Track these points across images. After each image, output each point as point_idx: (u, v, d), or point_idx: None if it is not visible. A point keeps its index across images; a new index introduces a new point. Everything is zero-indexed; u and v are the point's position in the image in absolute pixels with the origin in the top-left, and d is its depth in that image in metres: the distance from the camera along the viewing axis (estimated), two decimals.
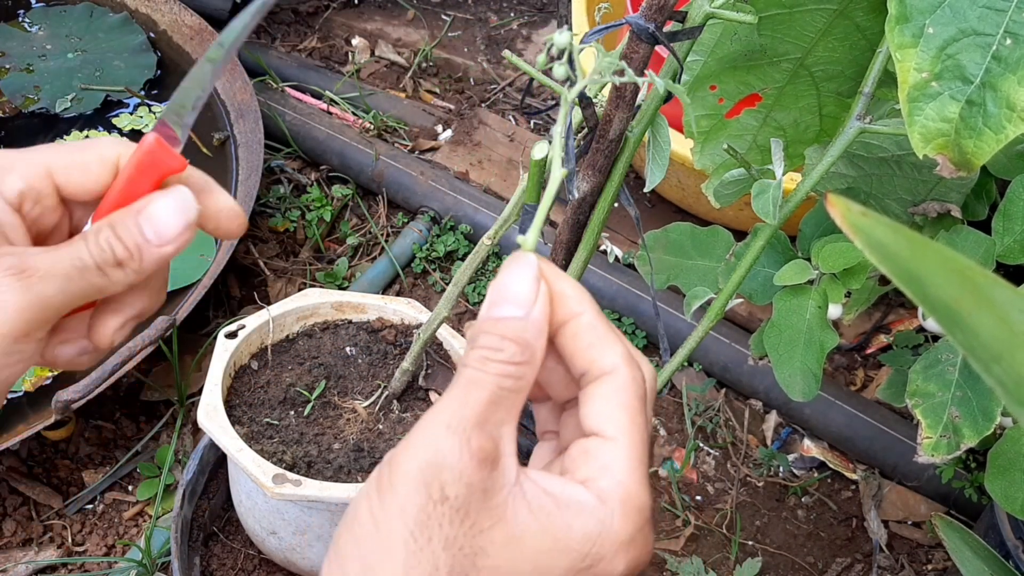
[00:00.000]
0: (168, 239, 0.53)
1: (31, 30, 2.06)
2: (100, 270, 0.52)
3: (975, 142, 0.70)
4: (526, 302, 0.49)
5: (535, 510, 0.47)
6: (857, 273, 1.01)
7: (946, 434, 0.95)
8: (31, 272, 0.51)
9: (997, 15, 0.69)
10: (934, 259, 0.35)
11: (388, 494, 0.46)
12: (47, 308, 0.51)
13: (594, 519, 0.47)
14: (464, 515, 0.45)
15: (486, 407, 0.47)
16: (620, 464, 0.48)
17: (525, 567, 0.46)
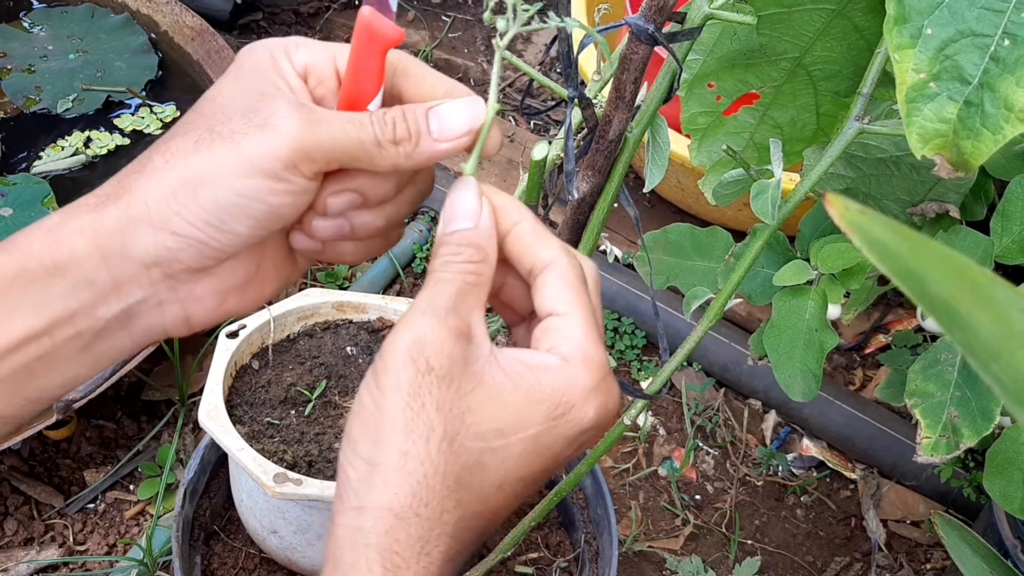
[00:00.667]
0: (448, 136, 0.58)
1: (33, 31, 2.06)
2: (376, 140, 0.57)
3: (973, 143, 0.70)
4: (473, 214, 0.57)
5: (510, 373, 0.54)
6: (856, 273, 1.01)
7: (945, 434, 0.95)
8: (312, 113, 0.56)
9: (995, 16, 0.69)
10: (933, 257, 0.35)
11: (383, 376, 0.53)
12: (316, 143, 0.55)
13: (561, 375, 0.54)
14: (449, 381, 0.52)
15: (455, 297, 0.55)
16: (576, 331, 0.55)
17: (506, 418, 0.53)
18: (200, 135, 0.56)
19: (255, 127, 0.55)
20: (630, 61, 0.74)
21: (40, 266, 0.57)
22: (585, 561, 1.27)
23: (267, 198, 0.56)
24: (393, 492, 0.51)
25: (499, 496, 0.54)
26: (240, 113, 0.56)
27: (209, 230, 0.56)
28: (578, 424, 0.54)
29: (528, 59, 2.33)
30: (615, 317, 1.81)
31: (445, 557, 0.52)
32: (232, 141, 0.55)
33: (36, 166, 1.80)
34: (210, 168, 0.55)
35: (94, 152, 1.83)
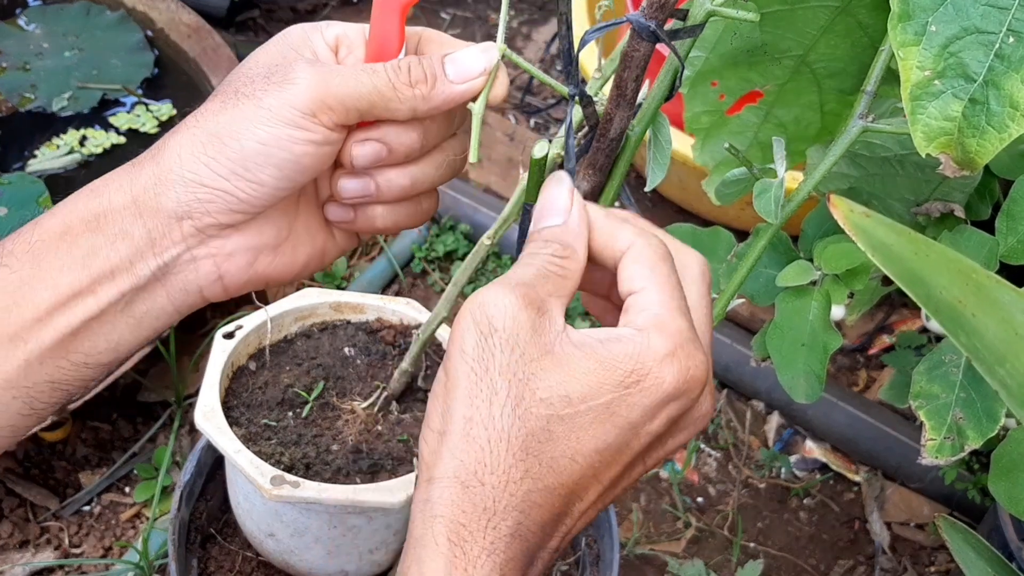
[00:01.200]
0: (464, 77, 0.62)
1: (28, 28, 2.05)
2: (391, 84, 0.60)
3: (978, 141, 0.70)
4: (563, 210, 0.58)
5: (579, 345, 0.52)
6: (860, 274, 1.00)
7: (950, 436, 0.95)
8: (329, 67, 0.60)
9: (1000, 13, 0.68)
10: (937, 260, 0.34)
11: (450, 346, 0.53)
12: (331, 92, 0.59)
13: (633, 342, 0.52)
14: (514, 345, 0.51)
15: (532, 276, 0.55)
16: (651, 301, 0.54)
17: (575, 385, 0.51)
18: (227, 97, 0.61)
19: (275, 84, 0.59)
20: (631, 59, 0.73)
21: (82, 222, 0.60)
22: (586, 564, 1.26)
23: (289, 146, 0.59)
24: (459, 459, 0.51)
25: (573, 469, 0.51)
26: (262, 76, 0.60)
27: (235, 180, 0.59)
28: (655, 391, 0.52)
29: (528, 56, 2.32)
30: None
31: (514, 533, 0.50)
32: (254, 97, 0.59)
33: (31, 165, 1.79)
34: (235, 122, 0.59)
35: (89, 151, 1.82)
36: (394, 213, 0.67)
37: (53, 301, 0.60)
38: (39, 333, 0.61)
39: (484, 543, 0.50)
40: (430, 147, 0.66)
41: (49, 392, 0.63)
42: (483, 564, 0.49)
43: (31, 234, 0.61)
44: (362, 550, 1.12)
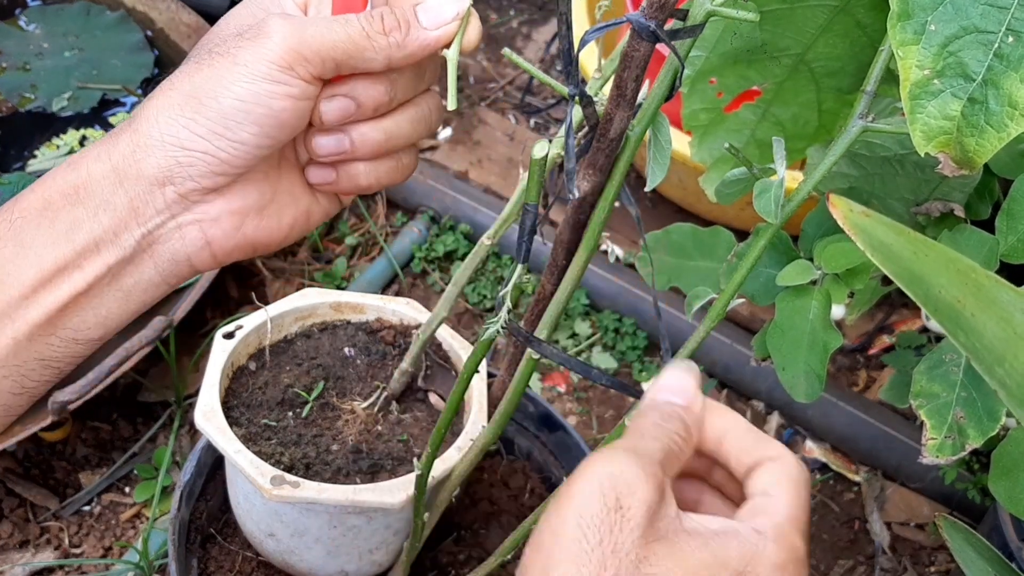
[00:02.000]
0: (438, 22, 0.60)
1: (28, 28, 2.05)
2: (364, 32, 0.59)
3: (977, 140, 0.70)
4: (690, 397, 0.56)
5: (693, 533, 0.51)
6: (860, 273, 1.00)
7: (951, 435, 0.95)
8: (302, 20, 0.59)
9: (999, 12, 0.68)
10: (937, 260, 0.34)
11: (565, 503, 0.50)
12: (305, 43, 0.58)
13: (750, 543, 0.51)
14: (632, 526, 0.49)
15: (660, 453, 0.53)
16: (779, 511, 0.53)
17: (684, 575, 0.49)
18: (200, 57, 0.61)
19: (248, 40, 0.59)
20: (631, 59, 0.73)
21: (62, 196, 0.60)
22: None
23: (267, 101, 0.59)
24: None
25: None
26: (236, 33, 0.60)
27: (215, 139, 0.59)
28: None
29: (528, 56, 2.32)
30: (616, 318, 1.80)
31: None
32: (228, 55, 0.59)
33: (31, 165, 1.79)
34: (211, 80, 0.59)
35: None
36: (375, 170, 0.66)
37: (38, 277, 0.60)
38: (26, 311, 0.60)
39: None
40: (401, 100, 0.65)
41: (40, 370, 0.63)
42: None
43: (11, 212, 0.61)
44: (362, 550, 1.12)
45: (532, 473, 1.34)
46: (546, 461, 1.33)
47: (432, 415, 1.17)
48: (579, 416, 1.71)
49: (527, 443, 1.34)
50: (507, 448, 1.35)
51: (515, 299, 0.73)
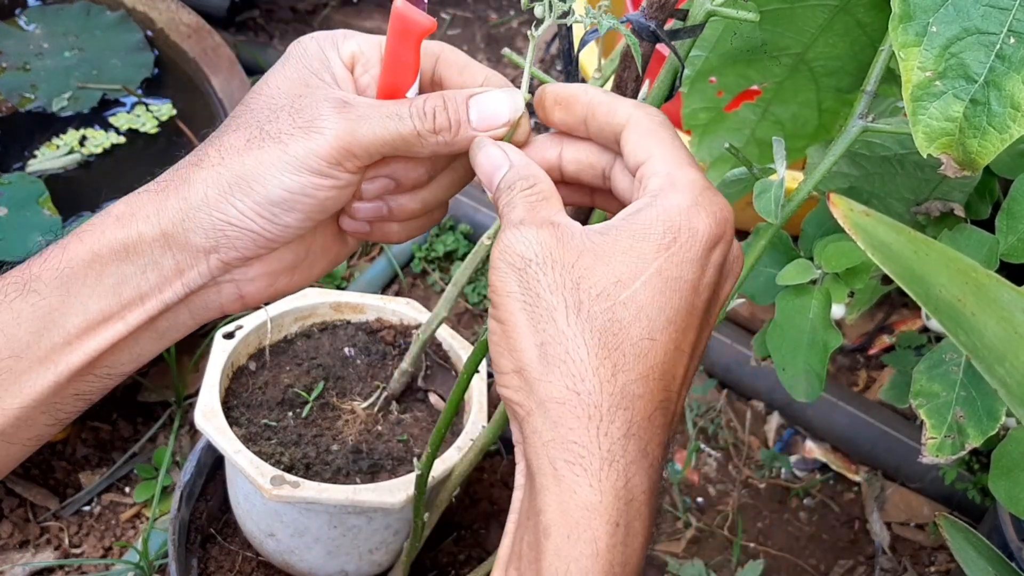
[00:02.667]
0: (488, 125, 0.61)
1: (28, 28, 2.05)
2: (416, 132, 0.60)
3: (979, 141, 0.69)
4: (501, 164, 0.59)
5: (606, 232, 0.53)
6: (860, 273, 1.00)
7: (951, 434, 0.95)
8: (352, 109, 0.59)
9: (1001, 14, 0.68)
10: (937, 259, 0.34)
11: (494, 298, 0.54)
12: (357, 142, 0.59)
13: (653, 207, 0.53)
14: (551, 263, 0.52)
15: (525, 211, 0.55)
16: (658, 166, 0.55)
17: (620, 268, 0.51)
18: (251, 133, 0.61)
19: (300, 128, 0.59)
20: (631, 58, 0.73)
21: (111, 251, 0.62)
22: None
23: (314, 193, 0.60)
24: (547, 382, 0.50)
25: (656, 348, 0.51)
26: (287, 111, 0.60)
27: (262, 222, 0.61)
28: (694, 242, 0.52)
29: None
30: None
31: (626, 434, 0.50)
32: (280, 141, 0.59)
33: (31, 165, 1.79)
34: (261, 166, 0.60)
35: (89, 151, 1.82)
36: (407, 227, 0.68)
37: (83, 326, 0.62)
38: (69, 356, 0.62)
39: (602, 453, 0.49)
40: (439, 172, 0.67)
41: (73, 403, 0.65)
42: (607, 475, 0.49)
43: (59, 259, 0.62)
44: (362, 550, 1.12)
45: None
46: None
47: (432, 415, 1.17)
48: None
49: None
50: (507, 448, 1.35)
51: None
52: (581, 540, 0.48)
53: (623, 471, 0.49)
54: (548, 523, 0.49)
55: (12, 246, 1.64)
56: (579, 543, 0.48)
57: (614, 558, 0.49)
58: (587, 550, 0.48)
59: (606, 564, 0.48)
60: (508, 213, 0.56)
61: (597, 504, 0.49)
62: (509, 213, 0.56)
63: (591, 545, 0.48)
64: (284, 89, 0.62)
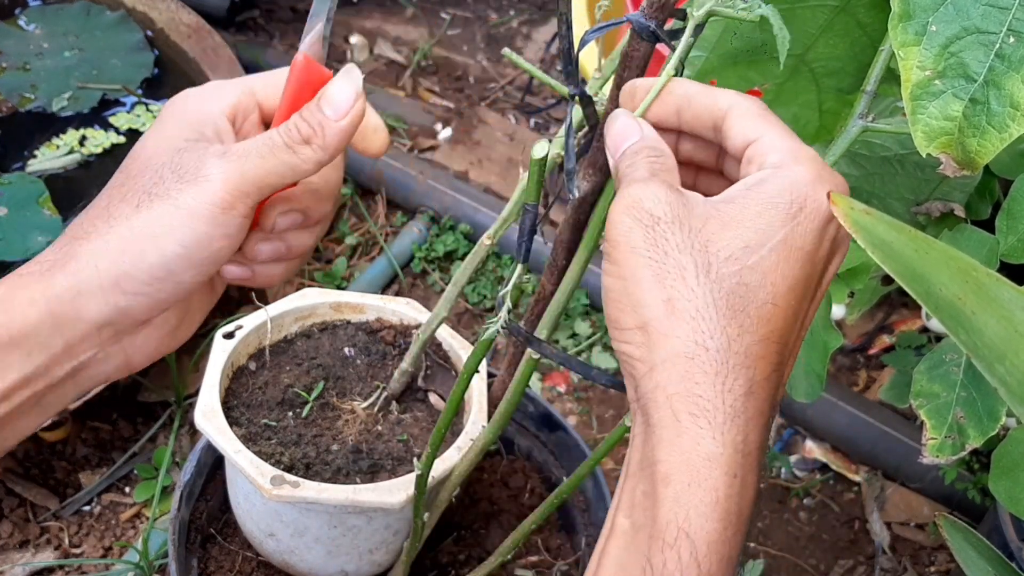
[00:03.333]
0: (344, 111, 0.62)
1: (28, 28, 2.05)
2: (290, 148, 0.61)
3: (979, 141, 0.70)
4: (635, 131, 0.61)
5: (732, 200, 0.54)
6: (860, 273, 1.00)
7: (951, 435, 0.95)
8: (232, 152, 0.60)
9: (1000, 13, 0.68)
10: (938, 258, 0.34)
11: (615, 252, 0.54)
12: (245, 180, 0.60)
13: (779, 178, 0.54)
14: (679, 224, 0.53)
15: (649, 173, 0.56)
16: (776, 141, 0.56)
17: (748, 234, 0.53)
18: (139, 198, 0.60)
19: (187, 182, 0.60)
20: (631, 59, 0.73)
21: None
22: (586, 565, 1.26)
23: (209, 244, 0.60)
24: (674, 337, 0.51)
25: (777, 313, 0.53)
26: (169, 168, 0.60)
27: (158, 284, 0.60)
28: (817, 214, 0.54)
29: (528, 56, 2.32)
30: None
31: (748, 392, 0.51)
32: (170, 198, 0.59)
33: (31, 165, 1.79)
34: (154, 226, 0.59)
35: (89, 151, 1.83)
36: (288, 268, 0.70)
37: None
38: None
39: (725, 408, 0.51)
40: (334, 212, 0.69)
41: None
42: (729, 429, 0.50)
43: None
44: (362, 550, 1.12)
45: (532, 473, 1.34)
46: (546, 461, 1.33)
47: (432, 415, 1.17)
48: (579, 416, 1.71)
49: (527, 443, 1.34)
50: (507, 448, 1.35)
51: (515, 299, 0.73)
52: (701, 488, 0.50)
53: (742, 427, 0.51)
54: (668, 472, 0.51)
55: (12, 246, 1.64)
56: (699, 491, 0.50)
57: (730, 507, 0.50)
58: (707, 498, 0.50)
59: (723, 512, 0.50)
60: (631, 172, 0.57)
61: (719, 456, 0.50)
62: (632, 172, 0.57)
63: (711, 494, 0.50)
64: (163, 148, 0.62)
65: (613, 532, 0.54)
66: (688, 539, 0.49)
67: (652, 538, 0.50)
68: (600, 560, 0.54)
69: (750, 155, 0.57)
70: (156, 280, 0.60)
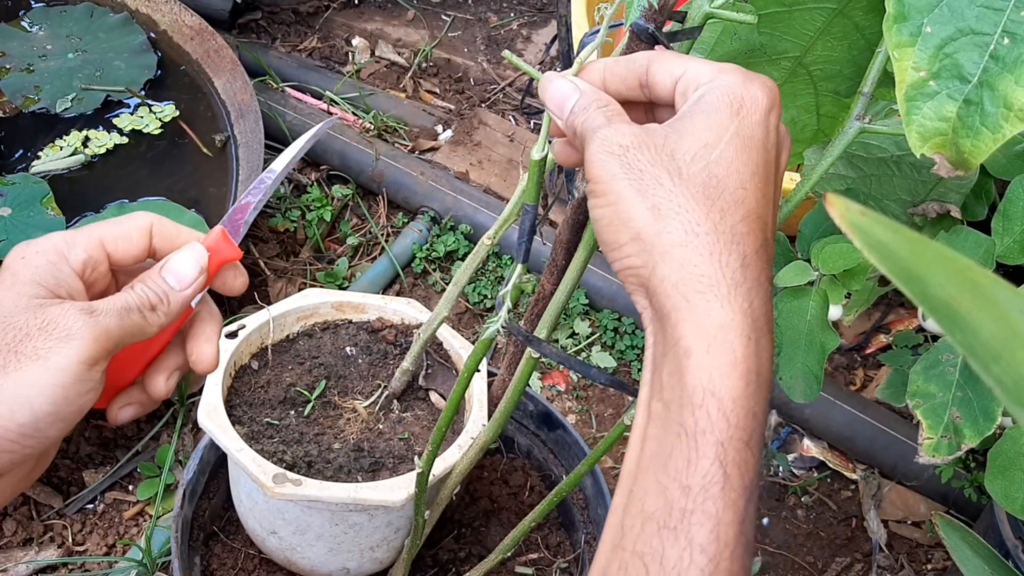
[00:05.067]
0: (186, 283, 0.68)
1: (31, 30, 2.06)
2: (140, 311, 0.65)
3: (972, 141, 0.70)
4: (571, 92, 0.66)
5: (682, 117, 0.61)
6: (857, 274, 1.01)
7: (947, 435, 0.95)
8: (95, 310, 0.63)
9: (995, 14, 0.68)
10: (934, 258, 0.35)
11: (596, 185, 0.60)
12: (109, 337, 0.63)
13: (713, 90, 0.61)
14: (645, 146, 0.59)
15: (603, 119, 0.62)
16: (700, 67, 0.62)
17: (704, 135, 0.59)
18: (6, 358, 0.62)
19: (57, 340, 0.62)
20: None
21: None
22: (585, 562, 1.27)
23: (77, 399, 0.62)
24: (666, 233, 0.57)
25: (748, 196, 0.59)
26: (38, 328, 0.62)
27: (26, 440, 0.62)
28: (757, 106, 0.60)
29: (528, 58, 2.33)
30: (615, 317, 1.80)
31: (743, 264, 0.57)
32: (40, 358, 0.62)
33: (35, 166, 1.80)
34: (24, 388, 0.61)
35: (93, 152, 1.83)
36: (175, 378, 0.74)
37: None
38: None
39: (726, 280, 0.56)
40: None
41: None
42: (735, 297, 0.56)
43: None
44: (363, 547, 1.12)
45: (532, 471, 1.34)
46: (546, 459, 1.34)
47: (433, 414, 1.17)
48: (578, 414, 1.72)
49: (527, 441, 1.35)
50: (507, 446, 1.35)
51: (515, 299, 0.74)
52: (720, 351, 0.55)
53: (746, 294, 0.56)
54: (688, 345, 0.55)
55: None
56: (719, 354, 0.55)
57: (750, 366, 0.55)
58: (726, 359, 0.55)
59: (744, 370, 0.55)
60: (591, 123, 0.62)
61: (730, 321, 0.55)
62: (592, 123, 0.62)
63: (729, 355, 0.55)
64: (22, 306, 0.63)
65: (650, 417, 0.58)
66: (714, 397, 0.54)
67: (682, 405, 0.55)
68: (642, 444, 0.58)
69: (682, 88, 0.63)
70: (24, 437, 0.61)
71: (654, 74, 0.64)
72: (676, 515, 0.54)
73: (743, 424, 0.54)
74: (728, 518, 0.55)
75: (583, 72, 0.67)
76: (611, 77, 0.66)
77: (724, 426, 0.54)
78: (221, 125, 1.91)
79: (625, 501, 0.57)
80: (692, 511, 0.54)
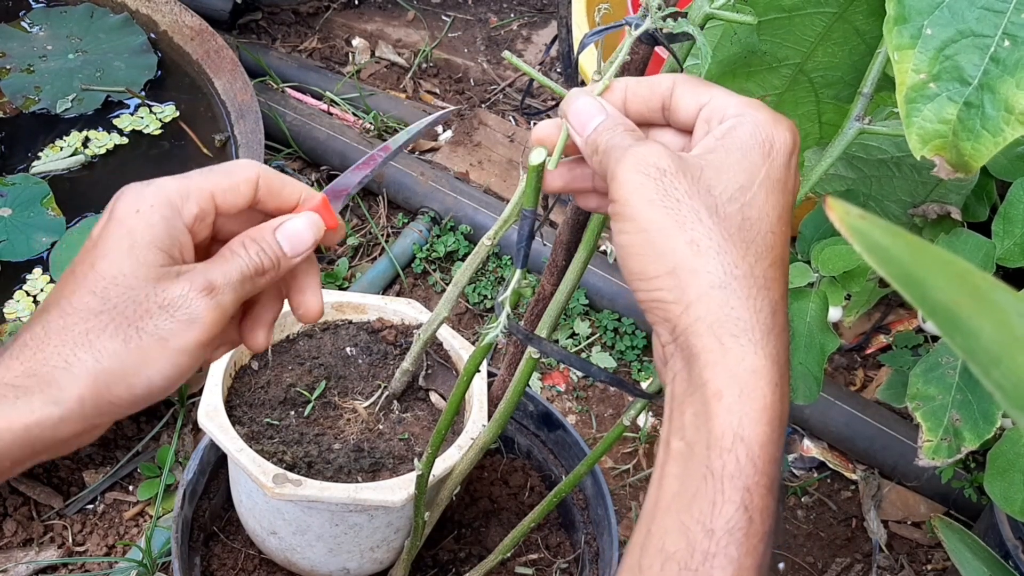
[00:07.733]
0: (300, 252, 0.68)
1: (32, 31, 2.06)
2: (252, 279, 0.66)
3: (973, 144, 0.70)
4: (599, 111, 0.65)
5: (713, 149, 0.60)
6: (857, 276, 1.01)
7: (947, 437, 0.95)
8: (215, 288, 0.64)
9: (995, 16, 0.68)
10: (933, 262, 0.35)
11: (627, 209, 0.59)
12: (225, 314, 0.65)
13: (743, 125, 0.60)
14: (683, 173, 0.58)
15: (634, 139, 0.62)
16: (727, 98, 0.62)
17: (739, 176, 0.59)
18: (127, 333, 0.63)
19: (178, 323, 0.63)
20: (630, 61, 0.73)
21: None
22: (585, 562, 1.27)
23: (189, 373, 0.64)
24: (705, 272, 0.57)
25: (776, 241, 0.59)
26: (158, 306, 0.63)
27: (135, 407, 0.64)
28: (784, 148, 0.61)
29: (528, 59, 2.33)
30: (615, 317, 1.81)
31: (773, 310, 0.58)
32: (161, 339, 0.63)
33: (35, 166, 1.80)
34: (143, 364, 0.62)
35: (93, 152, 1.83)
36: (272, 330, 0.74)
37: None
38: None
39: (760, 326, 0.56)
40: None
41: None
42: (767, 343, 0.56)
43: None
44: (363, 548, 1.13)
45: (532, 471, 1.34)
46: (546, 459, 1.34)
47: (433, 414, 1.17)
48: (578, 415, 1.72)
49: (527, 441, 1.35)
50: (507, 446, 1.35)
51: (514, 303, 0.74)
52: (752, 397, 0.55)
53: (775, 340, 0.57)
54: (719, 388, 0.56)
55: (16, 247, 1.65)
56: (750, 399, 0.55)
57: (775, 413, 0.56)
58: (756, 405, 0.55)
59: (770, 416, 0.56)
60: (619, 143, 0.62)
61: (762, 368, 0.56)
62: (620, 143, 0.62)
63: (760, 401, 0.55)
64: (141, 276, 0.63)
65: (669, 455, 0.58)
66: (743, 442, 0.55)
67: (710, 447, 0.56)
68: (660, 482, 0.58)
69: (706, 115, 0.63)
70: (134, 406, 0.63)
71: (678, 98, 0.64)
72: (698, 557, 0.54)
73: (767, 470, 0.55)
74: (748, 563, 0.55)
75: (608, 95, 0.67)
76: (633, 98, 0.66)
77: (751, 471, 0.55)
78: (221, 125, 1.91)
79: (643, 540, 0.57)
80: (715, 554, 0.54)
